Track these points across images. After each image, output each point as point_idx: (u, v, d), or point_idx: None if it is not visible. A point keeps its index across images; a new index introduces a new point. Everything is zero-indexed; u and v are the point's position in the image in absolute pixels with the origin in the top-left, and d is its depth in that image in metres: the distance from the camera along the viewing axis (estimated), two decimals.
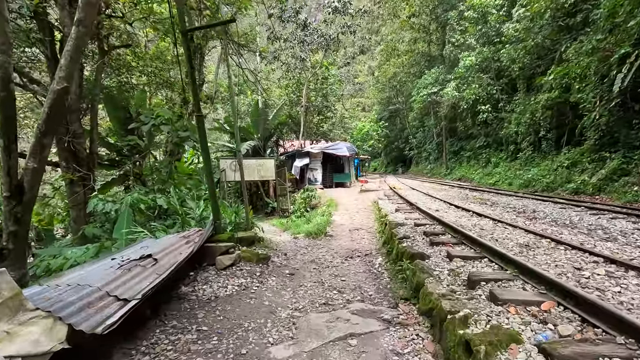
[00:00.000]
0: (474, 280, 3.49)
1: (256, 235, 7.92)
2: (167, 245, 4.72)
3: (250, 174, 19.00)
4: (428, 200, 11.98)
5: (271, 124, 21.78)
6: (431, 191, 16.35)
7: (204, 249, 5.27)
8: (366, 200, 14.18)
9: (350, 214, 11.33)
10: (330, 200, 14.47)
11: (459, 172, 28.73)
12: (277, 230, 13.79)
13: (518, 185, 17.85)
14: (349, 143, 23.13)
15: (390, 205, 10.86)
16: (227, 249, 5.32)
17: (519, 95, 21.72)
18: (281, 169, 19.90)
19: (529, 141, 19.43)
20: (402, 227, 6.95)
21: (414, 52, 41.11)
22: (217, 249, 5.25)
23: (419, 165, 45.38)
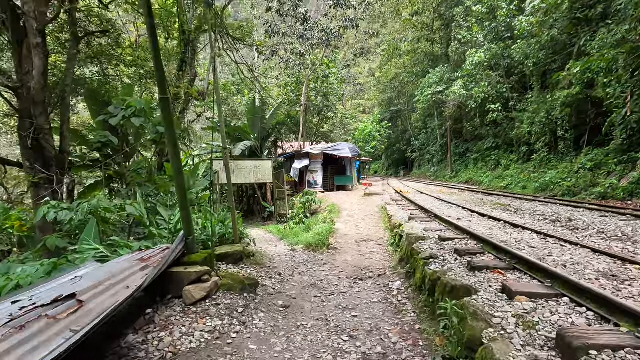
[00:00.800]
0: (577, 347, 2.15)
1: (245, 250, 6.59)
2: (114, 272, 3.39)
3: (245, 176, 17.69)
4: (443, 206, 10.66)
5: (268, 124, 20.50)
6: (442, 195, 15.03)
7: (168, 276, 3.93)
8: (372, 206, 12.86)
9: (356, 222, 10.01)
10: (332, 206, 13.16)
11: (465, 174, 27.43)
12: (273, 238, 12.46)
13: (533, 189, 16.53)
14: (351, 144, 21.86)
15: (401, 212, 9.54)
16: (200, 276, 3.96)
17: (531, 93, 20.46)
18: (279, 171, 18.60)
19: (544, 142, 18.15)
20: (424, 241, 5.62)
21: (417, 51, 39.94)
22: (186, 276, 3.89)
23: (422, 168, 44.12)
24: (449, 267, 4.26)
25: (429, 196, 14.60)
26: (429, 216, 8.32)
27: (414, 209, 10.14)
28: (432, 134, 40.85)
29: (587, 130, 15.62)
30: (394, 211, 9.83)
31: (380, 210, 11.45)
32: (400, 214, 9.34)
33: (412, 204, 11.65)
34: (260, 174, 18.39)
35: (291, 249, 8.66)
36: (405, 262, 5.72)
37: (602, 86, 13.68)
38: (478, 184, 23.44)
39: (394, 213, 9.35)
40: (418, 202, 11.44)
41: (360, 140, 27.45)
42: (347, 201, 14.60)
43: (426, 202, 12.09)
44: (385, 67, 47.76)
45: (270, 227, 16.42)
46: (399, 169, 55.38)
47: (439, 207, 10.24)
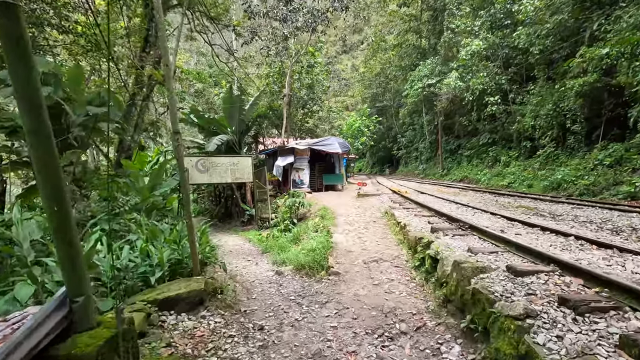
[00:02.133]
0: None
1: (209, 286, 4.38)
2: None
3: (221, 175, 15.37)
4: (462, 211, 8.76)
5: (248, 116, 18.17)
6: (446, 195, 13.22)
7: None
8: (371, 209, 10.86)
9: (357, 231, 7.96)
10: (324, 209, 11.07)
11: (458, 172, 25.94)
12: (252, 251, 10.25)
13: (542, 188, 15.00)
14: (341, 139, 19.84)
15: (415, 220, 7.56)
16: None
17: (533, 85, 19.00)
18: (260, 169, 16.36)
19: (551, 136, 16.68)
20: (485, 274, 3.62)
21: (404, 44, 38.31)
22: None
23: (409, 166, 42.72)
24: (582, 344, 2.25)
25: (434, 197, 12.74)
26: (458, 226, 6.34)
27: (429, 214, 8.18)
28: (420, 131, 39.40)
29: (602, 122, 14.18)
30: (405, 218, 7.83)
31: (383, 215, 9.44)
32: (415, 222, 7.35)
33: (420, 206, 9.71)
34: (238, 172, 16.12)
35: (276, 272, 6.51)
36: (457, 307, 3.69)
37: (625, 72, 12.19)
38: (475, 182, 21.91)
39: (406, 221, 7.35)
40: (428, 204, 9.51)
41: (349, 135, 25.46)
42: (340, 203, 12.55)
43: (436, 204, 10.18)
44: (370, 61, 46.08)
45: (251, 233, 14.19)
46: (384, 167, 53.99)
47: (459, 212, 8.32)
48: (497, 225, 6.37)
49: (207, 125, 17.88)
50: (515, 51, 20.79)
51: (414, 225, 6.92)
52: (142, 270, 4.16)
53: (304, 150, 17.16)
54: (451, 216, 7.12)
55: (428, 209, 8.88)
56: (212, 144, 16.00)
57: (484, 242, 5.21)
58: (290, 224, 11.25)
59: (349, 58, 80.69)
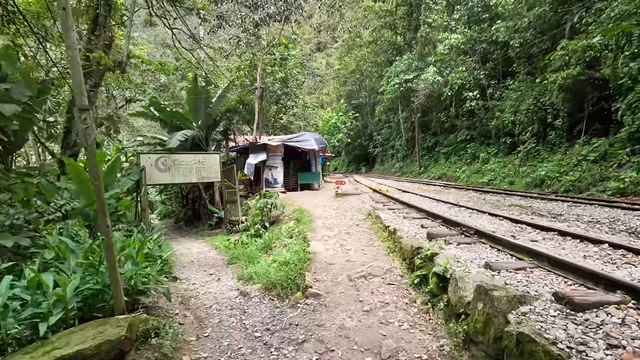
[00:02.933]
0: None
1: (134, 328, 3.07)
2: None
3: (185, 174, 13.84)
4: (454, 211, 7.82)
5: (215, 109, 16.62)
6: (430, 193, 12.39)
7: None
8: (350, 210, 9.77)
9: (338, 238, 6.82)
10: (300, 211, 9.86)
11: (436, 170, 25.49)
12: (217, 260, 8.89)
13: (524, 185, 14.54)
14: (317, 134, 18.66)
15: (406, 223, 6.52)
16: None
17: (514, 79, 18.66)
18: (229, 168, 14.92)
19: (532, 132, 16.31)
20: (524, 306, 2.56)
21: (379, 41, 37.71)
22: None
23: (385, 164, 42.28)
24: None
25: (418, 195, 11.85)
26: (460, 231, 5.33)
27: (420, 216, 7.17)
28: (396, 128, 38.99)
29: (584, 117, 13.85)
30: (393, 221, 6.78)
31: (367, 217, 8.36)
32: (406, 226, 6.31)
33: (407, 207, 8.71)
34: (204, 171, 14.62)
35: (241, 292, 5.26)
36: (490, 355, 2.61)
37: (610, 65, 11.80)
38: (454, 179, 21.44)
39: (395, 225, 6.29)
40: (415, 204, 8.53)
41: (325, 132, 24.34)
42: (318, 204, 11.38)
43: (423, 203, 9.24)
44: (345, 58, 45.29)
45: (218, 239, 12.76)
46: (360, 166, 53.46)
47: (453, 213, 7.37)
48: (504, 229, 5.43)
49: (170, 119, 16.18)
50: (493, 46, 20.46)
51: (406, 231, 5.86)
52: (29, 314, 2.79)
53: (277, 146, 15.86)
54: (447, 218, 6.12)
55: (417, 210, 7.88)
56: (174, 140, 14.37)
57: (499, 253, 4.20)
58: (262, 229, 9.97)
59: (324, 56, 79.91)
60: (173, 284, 6.20)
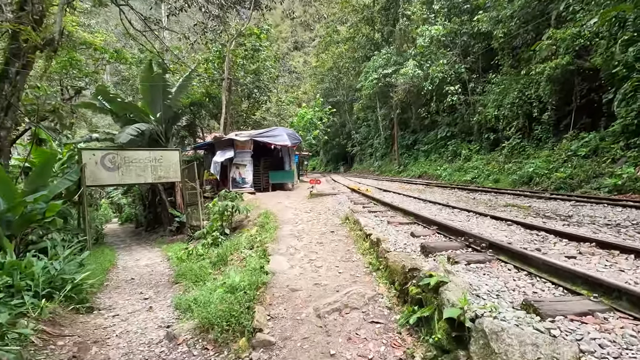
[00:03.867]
0: None
1: None
2: None
3: (138, 173, 12.06)
4: (447, 213, 6.58)
5: (175, 101, 14.81)
6: (413, 193, 11.21)
7: None
8: (325, 213, 8.40)
9: (308, 250, 5.41)
10: (266, 215, 8.38)
11: (416, 168, 24.60)
12: (163, 278, 7.27)
13: (510, 182, 13.69)
14: (290, 129, 17.17)
15: (391, 231, 5.20)
16: None
17: (497, 72, 17.89)
18: (190, 166, 13.21)
19: (516, 127, 15.52)
20: None
21: (357, 37, 36.64)
22: None
23: (363, 163, 41.38)
24: None
25: (401, 195, 10.63)
26: (465, 243, 4.03)
27: (408, 221, 5.86)
28: (374, 126, 38.10)
29: (572, 110, 13.10)
30: (375, 227, 5.45)
31: (343, 222, 6.99)
32: (392, 233, 4.99)
33: (391, 208, 7.41)
34: (162, 169, 12.87)
35: (167, 334, 3.75)
36: None
37: (601, 53, 11.02)
38: (435, 178, 20.53)
39: (378, 232, 4.97)
40: (399, 205, 7.24)
41: (300, 128, 22.88)
42: (289, 207, 9.93)
43: (409, 204, 7.98)
44: (322, 55, 44.04)
45: (174, 247, 11.05)
46: (338, 165, 52.45)
47: (446, 216, 6.12)
48: (519, 239, 4.19)
49: (122, 111, 14.25)
50: (474, 39, 19.70)
51: (393, 241, 4.54)
52: None
53: (245, 142, 14.27)
54: (444, 224, 4.84)
55: (403, 213, 6.58)
56: (124, 135, 12.53)
57: (532, 279, 2.91)
58: (221, 236, 8.41)
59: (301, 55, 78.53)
60: (84, 318, 4.60)
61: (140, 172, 12.47)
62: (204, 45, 21.11)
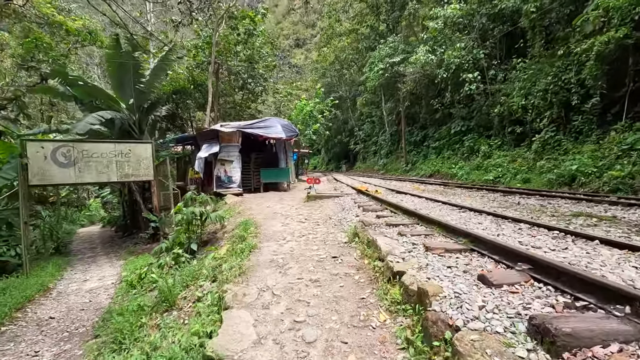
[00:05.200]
0: None
1: None
2: None
3: (100, 170, 9.72)
4: (507, 229, 4.36)
5: (151, 85, 12.64)
6: (434, 195, 8.99)
7: None
8: (325, 223, 6.23)
9: (292, 296, 3.24)
10: (246, 226, 6.21)
11: (426, 166, 22.36)
12: (93, 315, 5.09)
13: (546, 182, 11.48)
14: (286, 120, 14.98)
15: (433, 262, 3.00)
16: None
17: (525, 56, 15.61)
18: (162, 162, 11.04)
19: (550, 117, 13.27)
20: None
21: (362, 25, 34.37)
22: None
23: (367, 161, 39.15)
24: None
25: (421, 198, 8.41)
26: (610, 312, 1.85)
27: (461, 247, 3.61)
28: (379, 122, 35.87)
29: (624, 96, 10.85)
30: (406, 256, 3.29)
31: (351, 240, 4.81)
32: (439, 271, 2.81)
33: (421, 220, 5.18)
34: (129, 166, 10.70)
35: None
36: None
37: None
38: (449, 177, 18.31)
39: (411, 269, 2.79)
40: (434, 217, 5.05)
41: (299, 122, 20.64)
42: (279, 213, 7.74)
43: (443, 213, 5.79)
44: (324, 49, 41.82)
45: (137, 262, 8.86)
46: (340, 163, 50.29)
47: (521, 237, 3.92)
48: None
49: (87, 97, 12.08)
50: (494, 21, 17.45)
51: (450, 293, 2.35)
52: None
53: (231, 134, 12.09)
54: (545, 262, 2.62)
55: (442, 228, 4.36)
56: (82, 124, 10.36)
57: None
58: (185, 254, 6.23)
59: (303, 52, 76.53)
60: None
61: (102, 169, 10.31)
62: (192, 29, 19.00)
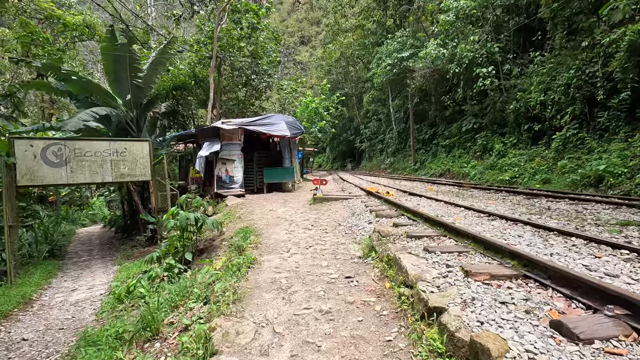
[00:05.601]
0: None
1: None
2: None
3: (94, 170, 8.97)
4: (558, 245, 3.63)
5: (150, 80, 12.03)
6: (451, 197, 8.27)
7: None
8: (334, 231, 5.56)
9: (298, 335, 2.59)
10: (245, 234, 5.56)
11: (436, 165, 21.57)
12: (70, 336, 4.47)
13: (568, 184, 10.70)
14: (291, 117, 14.27)
15: (484, 300, 2.31)
16: None
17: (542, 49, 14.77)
18: (159, 161, 10.44)
19: (572, 114, 12.44)
20: None
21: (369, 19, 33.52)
22: None
23: (373, 160, 38.39)
24: None
25: (440, 202, 7.67)
26: None
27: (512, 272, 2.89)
28: (385, 120, 35.10)
29: None
30: (442, 283, 2.60)
31: (367, 254, 4.12)
32: (491, 311, 2.12)
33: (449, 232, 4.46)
34: (125, 165, 10.11)
35: None
36: None
37: None
38: (461, 176, 17.53)
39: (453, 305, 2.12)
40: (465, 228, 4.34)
41: (304, 119, 19.94)
42: (283, 218, 7.07)
43: (472, 222, 5.08)
44: (329, 45, 41.02)
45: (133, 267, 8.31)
46: (345, 162, 49.58)
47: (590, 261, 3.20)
48: None
49: (82, 93, 11.50)
50: (509, 13, 16.59)
51: (520, 351, 1.65)
52: None
53: (233, 131, 11.43)
54: None
55: (478, 243, 3.64)
56: (74, 121, 9.77)
57: None
58: (179, 265, 5.59)
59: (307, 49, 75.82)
60: None
61: (96, 168, 9.72)
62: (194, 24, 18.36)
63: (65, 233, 17.53)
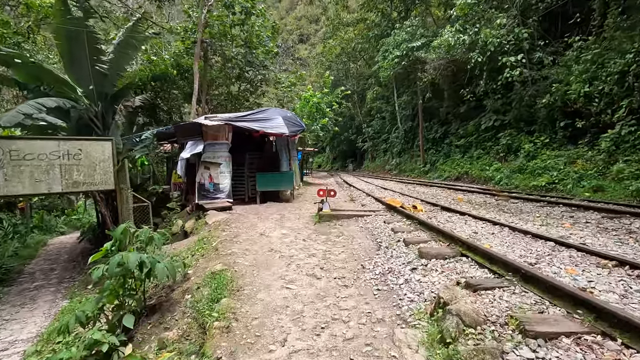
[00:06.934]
0: None
1: None
2: None
3: (36, 177, 6.42)
4: None
5: (119, 66, 9.87)
6: (490, 212, 6.18)
7: None
8: (357, 280, 3.51)
9: None
10: (218, 284, 3.47)
11: (449, 167, 19.47)
12: None
13: (632, 193, 8.60)
14: (289, 112, 12.11)
15: None
16: None
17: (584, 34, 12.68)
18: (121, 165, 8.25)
19: (628, 107, 10.35)
20: None
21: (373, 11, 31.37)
22: None
23: (377, 160, 36.28)
24: None
25: (495, 225, 5.57)
26: None
27: None
28: (390, 118, 33.00)
29: None
30: None
31: (434, 353, 2.06)
32: None
33: (552, 297, 2.41)
34: (81, 171, 7.79)
35: None
36: None
37: None
38: (483, 181, 15.43)
39: None
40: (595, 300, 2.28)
41: (304, 116, 17.77)
42: (277, 250, 4.94)
43: (557, 263, 3.02)
44: (330, 40, 38.94)
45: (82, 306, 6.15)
46: (346, 162, 47.52)
47: None
48: None
49: (32, 81, 9.32)
50: None
51: None
52: None
53: (218, 129, 9.26)
54: None
55: None
56: (10, 115, 7.59)
57: None
58: (112, 338, 3.45)
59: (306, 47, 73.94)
60: None
61: (40, 175, 7.51)
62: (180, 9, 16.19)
63: (32, 245, 15.40)
